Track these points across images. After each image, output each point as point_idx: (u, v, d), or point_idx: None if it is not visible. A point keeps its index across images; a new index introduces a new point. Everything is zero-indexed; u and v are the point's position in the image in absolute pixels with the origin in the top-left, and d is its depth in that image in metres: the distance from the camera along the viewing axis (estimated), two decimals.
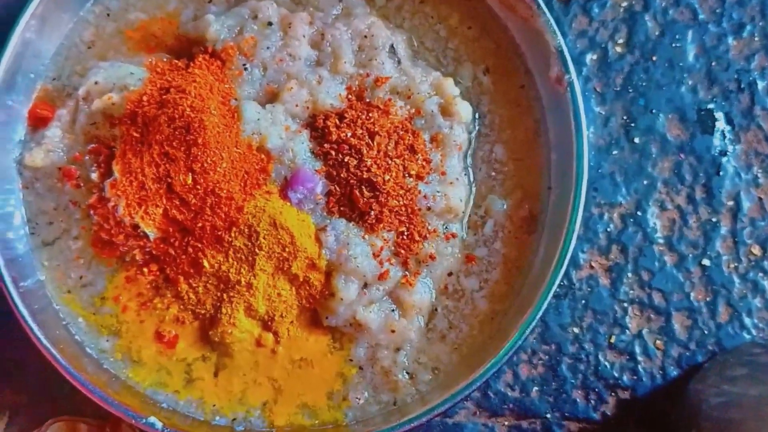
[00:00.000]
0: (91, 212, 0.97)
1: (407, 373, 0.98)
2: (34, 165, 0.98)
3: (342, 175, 0.95)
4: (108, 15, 1.03)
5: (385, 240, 0.95)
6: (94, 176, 0.97)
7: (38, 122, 1.00)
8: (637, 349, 1.04)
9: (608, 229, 1.05)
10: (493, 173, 1.02)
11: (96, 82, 0.97)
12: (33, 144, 0.99)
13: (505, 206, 1.01)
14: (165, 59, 1.01)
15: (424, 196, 0.97)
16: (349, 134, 0.96)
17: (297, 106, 0.97)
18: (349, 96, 0.99)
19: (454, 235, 0.99)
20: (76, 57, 1.02)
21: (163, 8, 1.04)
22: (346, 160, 0.95)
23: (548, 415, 1.03)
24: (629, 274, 1.05)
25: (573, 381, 1.04)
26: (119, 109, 0.95)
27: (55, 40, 1.02)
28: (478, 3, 1.03)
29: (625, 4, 1.08)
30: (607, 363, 1.04)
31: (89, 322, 0.99)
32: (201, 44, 0.99)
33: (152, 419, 0.92)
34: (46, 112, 1.00)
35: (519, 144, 1.02)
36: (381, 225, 0.95)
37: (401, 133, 0.97)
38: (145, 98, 0.95)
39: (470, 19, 1.04)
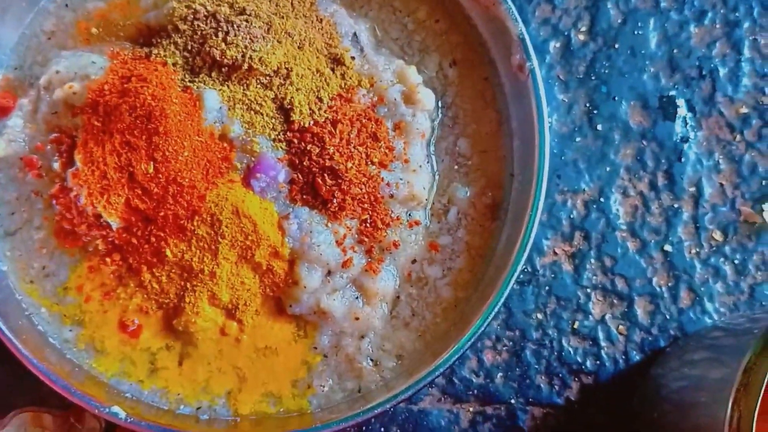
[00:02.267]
0: (54, 202, 0.96)
1: (371, 360, 0.98)
2: None
3: (305, 163, 0.95)
4: (67, 5, 1.02)
5: (348, 228, 0.95)
6: (56, 166, 0.96)
7: (0, 112, 0.99)
8: (600, 335, 1.04)
9: (571, 216, 1.06)
10: (456, 166, 1.02)
11: (57, 72, 0.97)
12: None
13: (468, 194, 1.01)
14: (127, 47, 1.00)
15: (387, 184, 0.97)
16: (311, 122, 0.96)
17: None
18: None
19: (417, 223, 1.00)
20: (36, 47, 1.02)
21: None
22: (308, 148, 0.95)
23: (512, 401, 1.04)
24: (592, 261, 1.05)
25: (537, 367, 1.04)
26: (81, 99, 0.95)
27: (16, 29, 1.01)
28: None
29: None
30: (570, 348, 1.04)
31: (52, 312, 0.98)
32: (162, 33, 0.99)
33: (116, 409, 0.92)
34: (8, 102, 0.99)
35: (483, 136, 1.02)
36: (344, 213, 0.95)
37: (364, 121, 0.97)
38: (106, 87, 0.94)
39: (438, 12, 1.04)
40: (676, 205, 1.06)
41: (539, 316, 1.05)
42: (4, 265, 0.98)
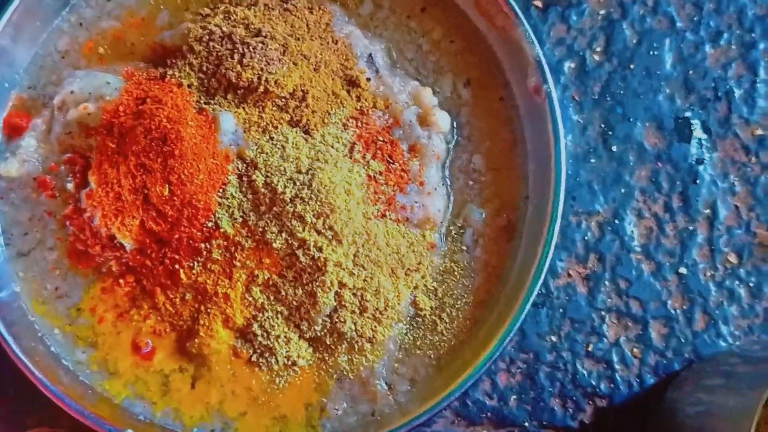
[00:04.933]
0: (67, 223, 0.96)
1: (386, 383, 0.98)
2: (9, 175, 0.97)
3: None
4: (81, 24, 1.02)
5: None
6: (70, 186, 0.96)
7: (13, 131, 0.99)
8: (615, 357, 1.04)
9: (586, 238, 1.06)
10: (471, 183, 1.02)
11: (71, 92, 0.96)
12: (8, 154, 0.98)
13: (483, 215, 1.01)
14: (141, 67, 1.00)
15: (402, 207, 0.97)
16: None
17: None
18: None
19: (432, 245, 0.99)
20: (50, 66, 1.01)
21: (137, 14, 1.03)
22: None
23: (526, 424, 1.04)
24: (607, 283, 1.05)
25: (551, 389, 1.04)
26: (95, 119, 0.95)
27: (30, 48, 1.01)
28: (461, 17, 1.03)
29: (603, 12, 1.08)
30: (584, 371, 1.04)
31: (65, 333, 0.98)
32: (177, 53, 0.99)
33: (128, 431, 0.92)
34: (21, 122, 0.99)
35: (497, 154, 1.02)
36: None
37: (379, 143, 0.97)
38: (121, 108, 0.94)
39: (453, 32, 1.03)
40: (690, 228, 1.06)
41: (553, 338, 1.04)
42: (17, 286, 0.98)
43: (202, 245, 0.93)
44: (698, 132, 1.07)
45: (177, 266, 0.94)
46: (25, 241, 0.98)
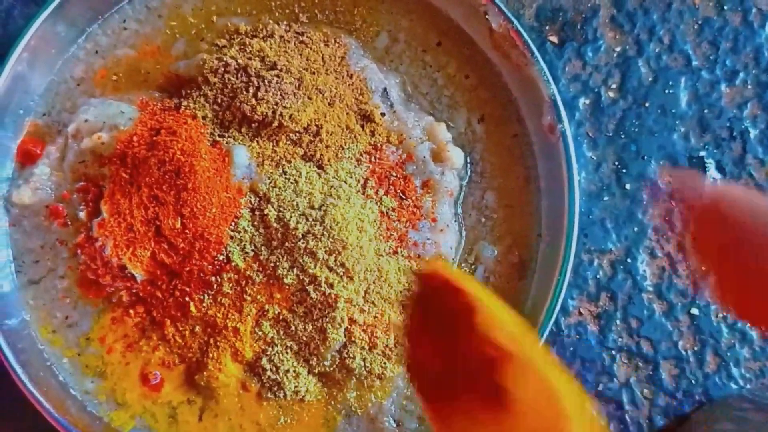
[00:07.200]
0: (78, 251, 0.96)
1: (394, 420, 0.97)
2: (22, 203, 0.97)
3: None
4: (96, 52, 1.02)
5: None
6: (82, 215, 0.96)
7: (27, 159, 0.99)
8: (625, 398, 1.03)
9: (598, 276, 1.05)
10: (483, 219, 1.01)
11: (86, 120, 0.96)
12: (21, 181, 0.98)
13: (495, 253, 1.00)
14: (156, 96, 1.00)
15: (414, 243, 0.96)
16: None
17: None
18: None
19: None
20: (65, 93, 1.01)
21: (152, 43, 1.03)
22: None
23: None
24: (618, 322, 1.04)
25: None
26: (109, 149, 0.94)
27: (45, 75, 1.01)
28: (476, 52, 1.02)
29: (618, 48, 1.08)
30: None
31: (74, 362, 0.98)
32: (191, 83, 0.99)
33: None
34: (35, 149, 0.99)
35: (510, 191, 1.01)
36: None
37: (392, 178, 0.97)
38: (135, 139, 0.94)
39: (468, 67, 1.03)
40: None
41: None
42: (27, 314, 0.98)
43: (213, 278, 0.93)
44: (712, 171, 1.06)
45: (187, 298, 0.93)
46: (36, 269, 0.98)
